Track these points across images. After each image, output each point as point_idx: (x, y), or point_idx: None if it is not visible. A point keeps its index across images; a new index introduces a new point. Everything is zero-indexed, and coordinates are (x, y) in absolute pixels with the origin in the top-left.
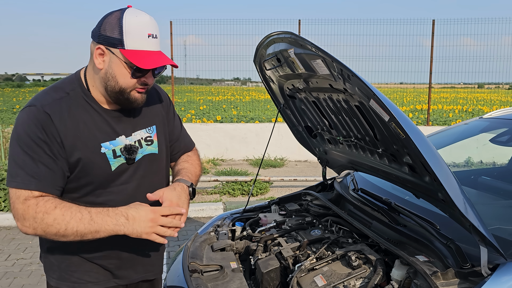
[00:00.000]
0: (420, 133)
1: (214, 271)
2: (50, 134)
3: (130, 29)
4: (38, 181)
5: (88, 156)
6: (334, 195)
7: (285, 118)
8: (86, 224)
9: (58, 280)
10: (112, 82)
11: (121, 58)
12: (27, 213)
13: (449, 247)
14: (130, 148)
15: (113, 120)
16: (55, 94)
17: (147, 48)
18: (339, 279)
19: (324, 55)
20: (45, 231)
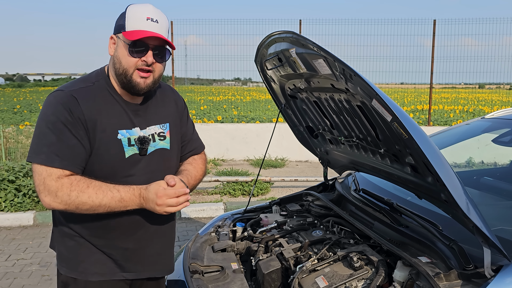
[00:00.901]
0: (423, 133)
1: (215, 272)
2: (76, 116)
3: (131, 14)
4: (62, 159)
5: (105, 139)
6: (336, 195)
7: (286, 118)
8: (117, 201)
9: (67, 269)
10: (118, 65)
11: (122, 38)
12: (61, 191)
13: (452, 248)
14: (143, 139)
15: (131, 112)
16: (82, 83)
17: (144, 28)
18: (340, 280)
19: (326, 55)
20: (77, 207)
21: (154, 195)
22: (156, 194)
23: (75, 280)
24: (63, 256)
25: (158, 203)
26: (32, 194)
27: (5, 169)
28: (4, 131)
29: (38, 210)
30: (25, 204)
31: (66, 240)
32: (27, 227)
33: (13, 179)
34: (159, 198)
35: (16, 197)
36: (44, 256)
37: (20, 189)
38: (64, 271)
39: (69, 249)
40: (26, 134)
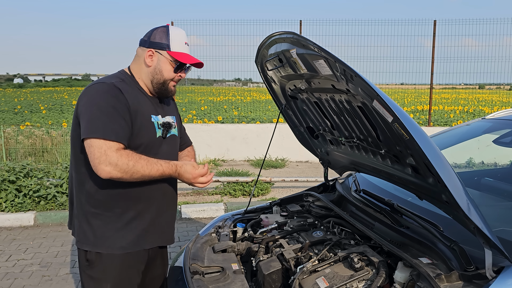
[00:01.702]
0: (424, 134)
1: (215, 273)
2: (122, 102)
3: (175, 38)
4: (116, 133)
5: (144, 121)
6: (336, 196)
7: (286, 118)
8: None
9: (93, 246)
10: (159, 76)
11: (168, 57)
12: (121, 160)
13: (453, 249)
14: (167, 123)
15: (154, 103)
16: (115, 79)
17: (185, 51)
18: (341, 281)
19: (327, 55)
20: (132, 175)
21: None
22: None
23: (101, 255)
24: (89, 235)
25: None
26: (33, 194)
27: (5, 169)
28: (5, 131)
29: (38, 210)
30: (26, 205)
31: (91, 220)
32: (27, 228)
33: (14, 180)
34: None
35: (16, 197)
36: (44, 257)
37: (20, 190)
38: (90, 247)
39: (95, 227)
40: (27, 134)
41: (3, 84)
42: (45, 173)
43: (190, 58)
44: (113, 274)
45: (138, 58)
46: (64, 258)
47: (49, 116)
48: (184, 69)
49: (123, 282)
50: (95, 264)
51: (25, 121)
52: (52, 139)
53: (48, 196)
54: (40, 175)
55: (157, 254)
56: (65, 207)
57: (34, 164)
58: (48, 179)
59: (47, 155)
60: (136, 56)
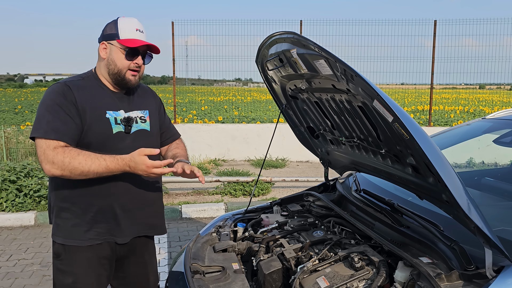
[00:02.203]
0: (424, 133)
1: (216, 272)
2: (69, 100)
3: (123, 26)
4: (57, 133)
5: (96, 118)
6: (337, 196)
7: (287, 118)
8: (103, 169)
9: (64, 238)
10: (112, 65)
11: (117, 45)
12: (56, 157)
13: (453, 248)
14: (128, 118)
15: (116, 98)
16: (73, 78)
17: (135, 37)
18: (341, 281)
19: (327, 55)
20: (71, 171)
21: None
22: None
23: (66, 247)
24: (60, 227)
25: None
26: (33, 194)
27: (6, 169)
28: (5, 131)
29: (39, 210)
30: (26, 204)
31: (62, 213)
32: (28, 227)
33: (14, 179)
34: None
35: (17, 197)
36: (45, 256)
37: (21, 189)
38: (61, 240)
39: (65, 220)
40: (27, 134)
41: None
42: None
43: (138, 42)
44: (78, 267)
45: (98, 56)
46: None
47: None
48: (139, 56)
49: (88, 275)
50: (62, 256)
51: (25, 121)
52: None
53: None
54: (40, 175)
55: (134, 249)
56: None
57: (35, 164)
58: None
59: None
60: (98, 54)
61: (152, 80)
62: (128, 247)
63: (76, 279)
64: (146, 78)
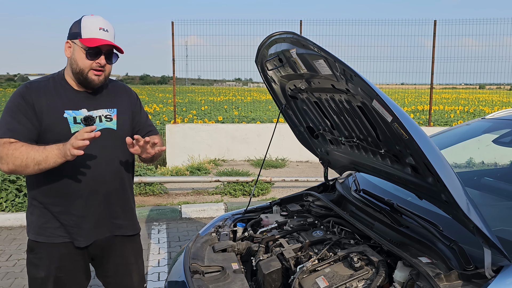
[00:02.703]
0: (424, 133)
1: (215, 272)
2: (27, 102)
3: (86, 24)
4: (12, 132)
5: (53, 118)
6: (336, 196)
7: (286, 118)
8: (40, 152)
9: (36, 234)
10: (74, 65)
11: (79, 44)
12: (2, 152)
13: (452, 248)
14: (88, 117)
15: (80, 98)
16: (41, 78)
17: (98, 36)
18: (341, 281)
19: (327, 55)
20: (14, 163)
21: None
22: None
23: (38, 243)
24: (33, 224)
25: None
26: None
27: None
28: None
29: None
30: (26, 204)
31: (34, 210)
32: None
33: (14, 180)
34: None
35: (17, 197)
36: None
37: (21, 189)
38: (34, 236)
39: (36, 217)
40: None
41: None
42: None
43: (98, 41)
44: (50, 261)
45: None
46: None
47: None
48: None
49: (60, 270)
50: (34, 251)
51: None
52: None
53: None
54: None
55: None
56: None
57: None
58: None
59: None
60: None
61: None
62: (101, 247)
63: (49, 273)
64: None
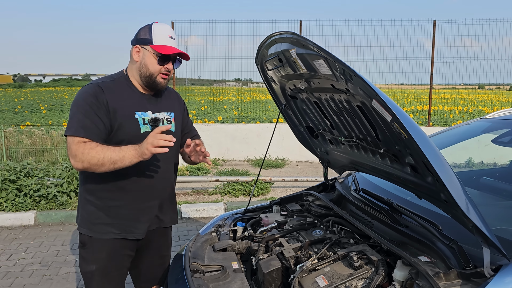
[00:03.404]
0: (423, 133)
1: (215, 272)
2: (100, 100)
3: (157, 32)
4: (86, 131)
5: (125, 118)
6: (336, 195)
7: (286, 118)
8: (117, 152)
9: (87, 229)
10: (145, 69)
11: (151, 50)
12: (78, 151)
13: (452, 247)
14: (155, 119)
15: (146, 100)
16: (105, 79)
17: (167, 44)
18: (340, 280)
19: (326, 55)
20: (89, 162)
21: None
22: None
23: (91, 238)
24: (85, 220)
25: (148, 141)
26: (33, 194)
27: (6, 169)
28: (5, 131)
29: (39, 210)
30: (26, 204)
31: (87, 206)
32: (28, 227)
33: (14, 179)
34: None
35: (17, 197)
36: (45, 256)
37: (21, 189)
38: (85, 231)
39: (90, 214)
40: (27, 134)
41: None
42: (46, 173)
43: (171, 49)
44: (101, 257)
45: (130, 58)
46: (65, 257)
47: (49, 116)
48: (170, 61)
49: (109, 265)
50: (86, 246)
51: (25, 121)
52: (52, 138)
53: (49, 196)
54: (40, 174)
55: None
56: (66, 206)
57: (35, 163)
58: (48, 178)
59: (48, 154)
60: (130, 56)
61: None
62: (147, 239)
63: (99, 267)
64: None
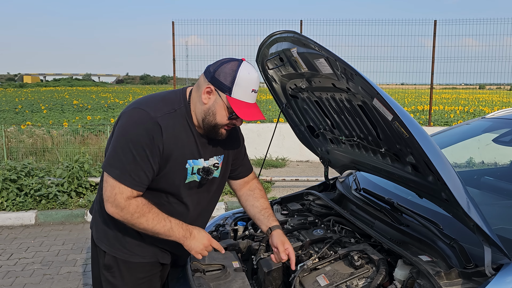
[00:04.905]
0: (424, 132)
1: (216, 271)
2: (156, 143)
3: (241, 82)
4: (133, 179)
5: (175, 166)
6: (337, 195)
7: (287, 117)
8: (166, 231)
9: (110, 247)
10: (211, 118)
11: (225, 102)
12: (127, 209)
13: (453, 247)
14: (208, 170)
15: (200, 144)
16: (165, 107)
17: (248, 100)
18: (341, 279)
19: (328, 54)
20: (133, 224)
21: (200, 244)
22: (208, 238)
23: (117, 260)
24: (108, 236)
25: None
26: (34, 193)
27: (7, 168)
28: (6, 130)
29: (39, 209)
30: (27, 204)
31: (113, 225)
32: (28, 226)
33: (15, 179)
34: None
35: (18, 196)
36: (46, 255)
37: (22, 189)
38: (107, 249)
39: (114, 231)
40: (28, 134)
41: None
42: (46, 172)
43: (249, 114)
44: (129, 283)
45: (198, 88)
46: (65, 256)
47: (49, 115)
48: (240, 119)
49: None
50: (113, 268)
51: (26, 121)
52: (53, 138)
53: (49, 195)
54: (41, 174)
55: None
56: (66, 206)
57: (35, 163)
58: (49, 178)
59: (48, 154)
60: (198, 84)
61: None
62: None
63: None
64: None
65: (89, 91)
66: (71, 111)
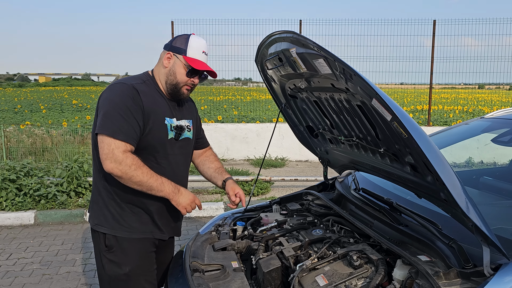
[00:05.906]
0: (423, 132)
1: (215, 271)
2: (137, 104)
3: (193, 44)
4: (125, 135)
5: (156, 122)
6: (336, 195)
7: (286, 118)
8: (159, 185)
9: (110, 229)
10: (172, 77)
11: (183, 61)
12: (125, 161)
13: (451, 247)
14: (181, 127)
15: (171, 106)
16: (136, 80)
17: (200, 59)
18: (340, 279)
19: (327, 54)
20: (131, 177)
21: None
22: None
23: (118, 238)
24: (108, 219)
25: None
26: (33, 193)
27: (6, 168)
28: (5, 130)
29: (39, 209)
30: (26, 203)
31: (112, 207)
32: (28, 226)
33: (14, 179)
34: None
35: (17, 196)
36: (45, 255)
37: (21, 189)
38: (109, 230)
39: (114, 213)
40: (27, 133)
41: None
42: (46, 172)
43: (202, 65)
44: (133, 257)
45: (159, 61)
46: (65, 256)
47: (49, 115)
48: (198, 76)
49: (141, 265)
50: (114, 248)
51: (25, 121)
52: (52, 138)
53: (49, 195)
54: (40, 174)
55: (166, 243)
56: (65, 206)
57: (35, 163)
58: (48, 178)
59: (47, 154)
60: (159, 59)
61: None
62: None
63: (132, 268)
64: None
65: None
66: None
